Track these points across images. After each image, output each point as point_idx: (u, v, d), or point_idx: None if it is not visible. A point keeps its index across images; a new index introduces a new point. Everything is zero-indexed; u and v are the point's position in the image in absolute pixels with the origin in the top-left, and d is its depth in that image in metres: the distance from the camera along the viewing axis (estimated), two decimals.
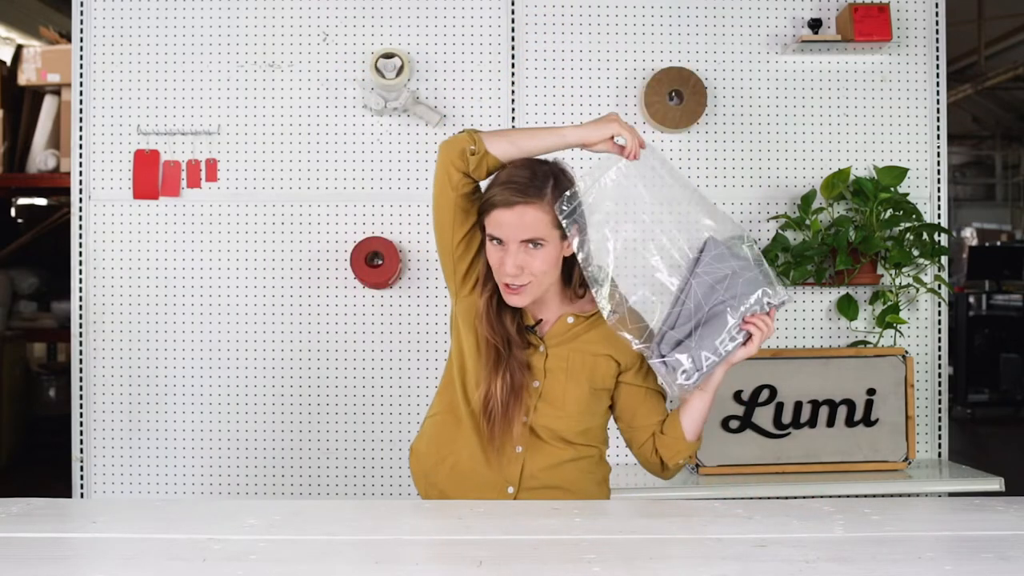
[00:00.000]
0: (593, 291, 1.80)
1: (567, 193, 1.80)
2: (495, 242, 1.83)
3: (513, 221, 1.80)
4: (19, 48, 4.84)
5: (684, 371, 1.76)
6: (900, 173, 3.07)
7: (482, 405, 1.87)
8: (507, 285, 1.83)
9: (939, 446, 3.17)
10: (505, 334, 1.88)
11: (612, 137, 1.85)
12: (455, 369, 1.95)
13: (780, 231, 3.10)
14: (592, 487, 1.96)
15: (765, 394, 2.95)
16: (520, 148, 1.85)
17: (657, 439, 1.91)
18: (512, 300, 1.85)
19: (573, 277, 1.92)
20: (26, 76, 4.57)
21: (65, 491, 3.11)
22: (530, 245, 1.81)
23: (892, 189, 3.05)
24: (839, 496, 2.80)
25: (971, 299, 8.56)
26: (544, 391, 1.90)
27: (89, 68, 3.11)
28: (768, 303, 1.78)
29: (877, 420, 2.96)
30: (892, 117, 3.18)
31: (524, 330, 1.91)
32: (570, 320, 1.92)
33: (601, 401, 1.95)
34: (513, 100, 3.13)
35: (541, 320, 1.92)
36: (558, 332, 1.92)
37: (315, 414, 3.09)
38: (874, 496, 2.81)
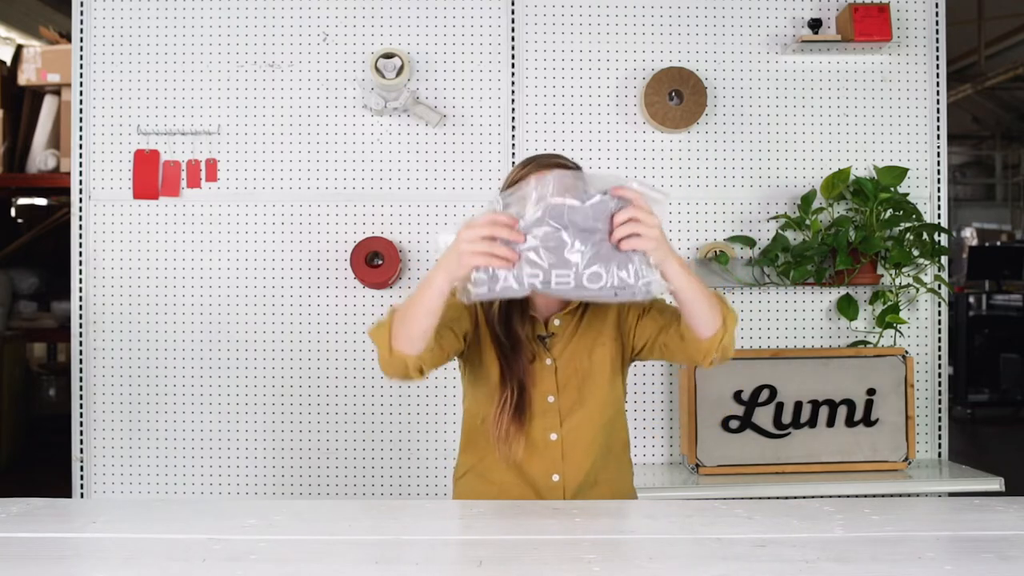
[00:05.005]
0: None
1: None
2: None
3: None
4: (19, 48, 4.83)
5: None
6: (900, 173, 3.07)
7: (499, 398, 1.84)
8: None
9: (939, 446, 3.17)
10: (515, 335, 1.85)
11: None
12: (477, 423, 1.91)
13: (780, 231, 3.10)
14: (629, 486, 1.97)
15: (765, 394, 2.95)
16: (413, 326, 1.68)
17: (682, 345, 1.81)
18: None
19: None
20: (26, 76, 4.57)
21: (65, 491, 3.11)
22: None
23: (892, 189, 3.05)
24: (839, 496, 2.80)
25: (971, 299, 8.56)
26: (561, 404, 1.87)
27: (89, 68, 3.11)
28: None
29: (877, 420, 2.96)
30: (892, 117, 3.18)
31: (536, 339, 1.88)
32: (556, 323, 1.90)
33: (618, 384, 1.93)
34: (513, 100, 3.13)
35: (553, 335, 1.89)
36: (561, 340, 1.90)
37: (315, 414, 3.09)
38: (874, 496, 2.81)
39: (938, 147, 3.19)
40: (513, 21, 3.14)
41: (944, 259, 3.14)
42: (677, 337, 1.81)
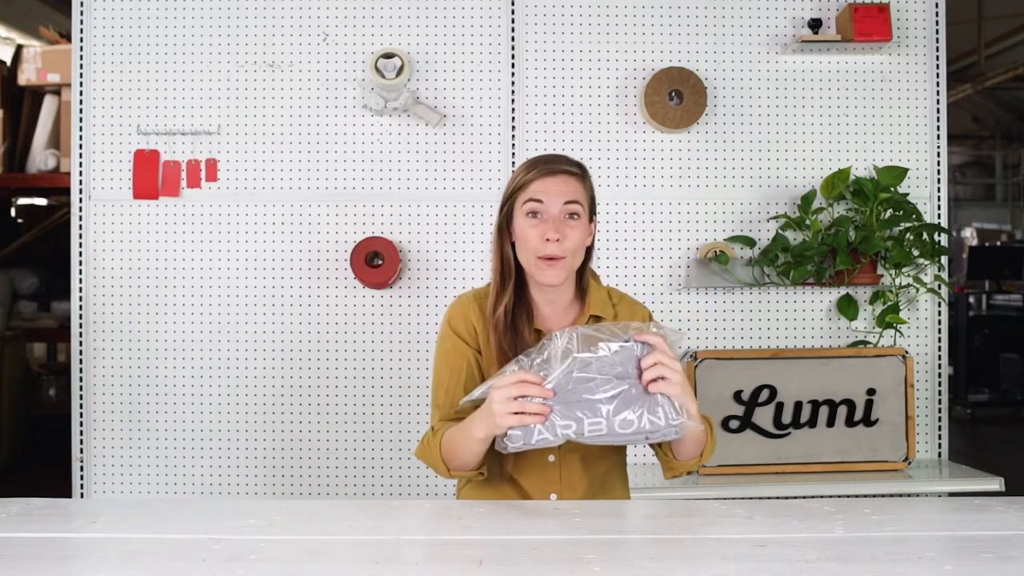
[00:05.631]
0: None
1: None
2: (533, 216, 1.81)
3: (556, 186, 1.82)
4: (19, 48, 4.83)
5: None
6: (900, 173, 3.07)
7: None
8: (545, 258, 1.80)
9: (939, 446, 3.17)
10: (521, 343, 1.83)
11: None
12: None
13: (780, 231, 3.10)
14: (625, 493, 1.97)
15: (765, 394, 2.95)
16: (464, 458, 1.75)
17: (657, 449, 1.87)
18: (548, 275, 1.81)
19: (585, 275, 1.91)
20: (26, 76, 4.57)
21: (65, 491, 3.11)
22: (568, 216, 1.81)
23: (892, 189, 3.05)
24: (839, 496, 2.80)
25: (971, 299, 8.56)
26: None
27: (89, 68, 3.11)
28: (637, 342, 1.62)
29: (877, 420, 2.96)
30: (892, 117, 3.18)
31: None
32: None
33: None
34: (513, 100, 3.13)
35: None
36: None
37: (315, 414, 3.09)
38: (874, 496, 2.81)
39: (938, 147, 3.19)
40: (513, 21, 3.14)
41: (944, 259, 3.14)
42: (660, 452, 1.85)
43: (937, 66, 3.19)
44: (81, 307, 3.10)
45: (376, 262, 3.04)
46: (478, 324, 1.88)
